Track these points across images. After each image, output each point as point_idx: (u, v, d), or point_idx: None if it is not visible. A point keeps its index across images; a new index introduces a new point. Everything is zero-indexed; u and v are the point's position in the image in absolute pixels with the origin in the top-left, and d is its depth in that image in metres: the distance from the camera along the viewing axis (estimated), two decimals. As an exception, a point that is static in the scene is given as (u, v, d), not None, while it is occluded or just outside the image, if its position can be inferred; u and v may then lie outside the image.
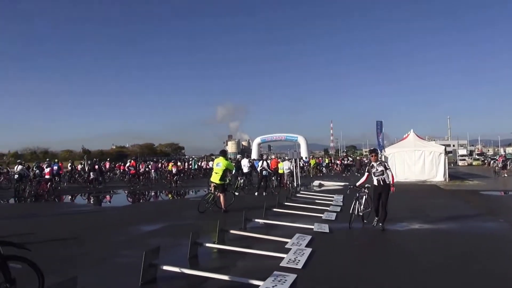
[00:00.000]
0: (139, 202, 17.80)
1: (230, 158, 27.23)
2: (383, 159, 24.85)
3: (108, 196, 20.06)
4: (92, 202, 18.14)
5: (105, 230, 9.69)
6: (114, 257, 6.95)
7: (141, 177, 25.35)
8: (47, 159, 28.24)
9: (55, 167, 21.64)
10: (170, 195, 19.74)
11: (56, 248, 7.58)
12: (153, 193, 20.55)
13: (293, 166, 20.02)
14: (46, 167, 20.39)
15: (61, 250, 7.43)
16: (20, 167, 20.36)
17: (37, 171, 20.53)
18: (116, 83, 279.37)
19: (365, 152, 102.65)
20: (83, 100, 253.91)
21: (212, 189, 12.34)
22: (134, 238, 8.70)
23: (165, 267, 5.41)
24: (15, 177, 20.35)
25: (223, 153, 13.00)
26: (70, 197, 19.39)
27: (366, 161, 41.46)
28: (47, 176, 19.48)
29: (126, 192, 21.51)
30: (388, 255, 6.83)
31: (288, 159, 21.24)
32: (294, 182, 19.66)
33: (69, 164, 29.39)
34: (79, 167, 29.78)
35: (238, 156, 27.68)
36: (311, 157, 35.90)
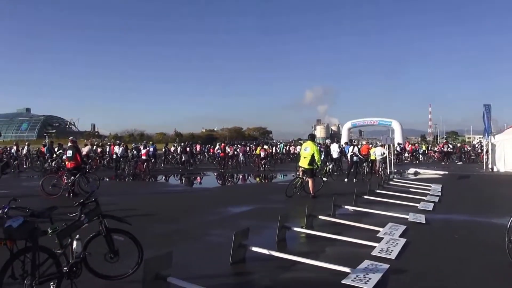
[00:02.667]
0: (228, 184, 18.52)
1: (319, 143, 27.01)
2: (489, 147, 22.80)
3: (198, 178, 21.20)
4: (183, 182, 19.30)
5: (196, 209, 10.27)
6: (205, 235, 7.34)
7: (230, 160, 26.32)
8: (144, 141, 30.61)
9: (151, 149, 23.36)
10: (257, 179, 20.22)
11: (151, 224, 8.18)
12: (241, 176, 21.22)
13: (386, 153, 19.22)
14: (143, 149, 22.12)
15: (155, 226, 8.01)
16: (120, 148, 22.49)
17: (135, 152, 22.44)
18: (206, 68, 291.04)
19: (468, 138, 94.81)
20: (175, 85, 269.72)
21: (301, 174, 12.37)
22: (224, 218, 9.11)
23: (254, 249, 5.58)
24: (115, 157, 22.53)
25: (312, 137, 12.93)
26: (163, 177, 20.84)
27: (469, 148, 38.35)
28: (143, 157, 21.15)
29: (216, 174, 22.53)
30: (492, 251, 6.27)
31: (381, 145, 20.44)
32: (387, 169, 18.90)
33: (163, 146, 31.46)
34: (172, 149, 31.72)
35: (327, 141, 27.34)
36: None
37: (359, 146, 19.72)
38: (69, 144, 12.73)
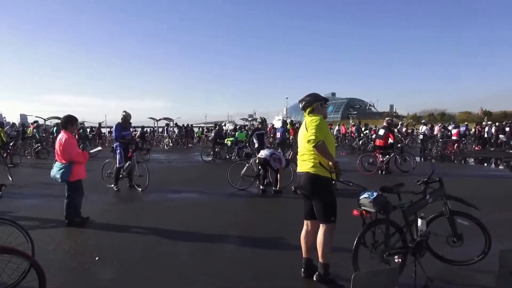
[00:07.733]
0: None
1: None
2: None
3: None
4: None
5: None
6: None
7: None
8: (451, 121, 29.11)
9: (463, 129, 21.95)
10: None
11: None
12: None
13: None
14: (453, 128, 20.95)
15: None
16: (424, 127, 22.30)
17: (445, 131, 21.63)
18: None
19: None
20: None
21: None
22: None
23: None
24: (420, 137, 22.39)
25: None
26: (475, 160, 19.10)
27: None
28: (454, 137, 20.02)
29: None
30: None
31: None
32: None
33: (473, 126, 28.89)
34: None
35: None
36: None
37: None
38: (384, 124, 13.60)
